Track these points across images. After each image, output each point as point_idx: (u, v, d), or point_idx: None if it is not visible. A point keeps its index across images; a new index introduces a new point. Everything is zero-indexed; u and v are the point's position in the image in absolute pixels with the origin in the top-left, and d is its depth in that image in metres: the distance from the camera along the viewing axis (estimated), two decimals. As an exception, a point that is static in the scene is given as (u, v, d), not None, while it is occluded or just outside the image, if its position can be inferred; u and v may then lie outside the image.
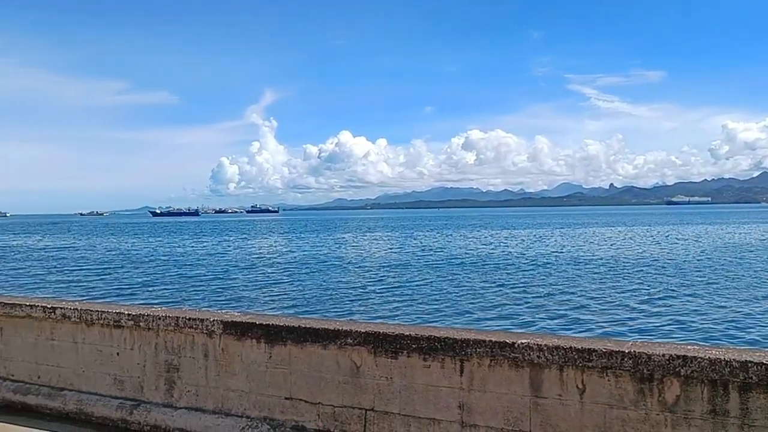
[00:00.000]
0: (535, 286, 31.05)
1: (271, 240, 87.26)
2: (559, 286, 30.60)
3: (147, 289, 32.25)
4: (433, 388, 4.95)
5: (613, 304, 25.29)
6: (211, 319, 5.97)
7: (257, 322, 5.79)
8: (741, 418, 4.01)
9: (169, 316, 6.20)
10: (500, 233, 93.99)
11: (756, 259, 44.07)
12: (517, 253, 53.07)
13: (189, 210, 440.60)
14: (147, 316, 6.32)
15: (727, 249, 54.60)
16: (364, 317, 22.88)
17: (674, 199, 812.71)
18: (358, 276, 37.33)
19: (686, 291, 28.53)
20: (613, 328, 20.43)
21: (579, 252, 53.69)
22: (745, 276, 34.13)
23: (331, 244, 72.72)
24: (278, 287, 32.76)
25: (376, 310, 24.72)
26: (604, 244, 63.90)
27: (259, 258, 53.31)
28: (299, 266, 44.50)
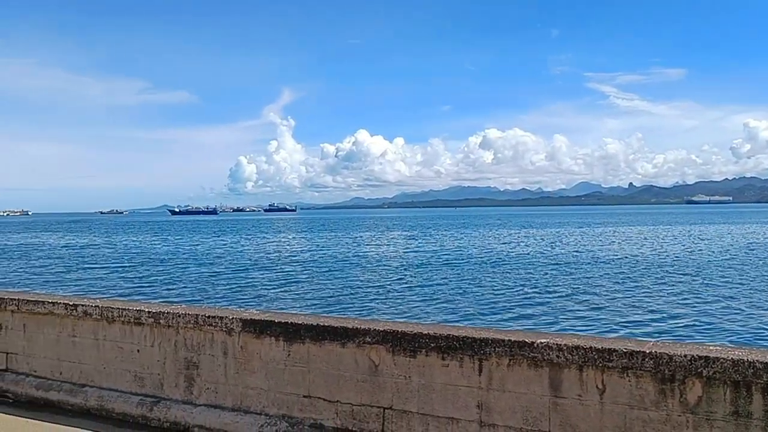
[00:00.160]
0: (555, 285, 30.86)
1: (289, 239, 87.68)
2: (578, 286, 30.40)
3: (167, 287, 32.55)
4: (452, 387, 4.94)
5: (634, 304, 25.06)
6: (230, 317, 6.00)
7: (276, 320, 5.80)
8: (764, 420, 3.95)
9: (188, 314, 6.24)
10: (518, 232, 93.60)
11: (779, 260, 43.41)
12: (536, 253, 52.79)
13: (207, 209, 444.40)
14: (167, 313, 6.37)
15: (749, 249, 53.86)
16: (383, 316, 22.90)
17: (695, 199, 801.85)
18: (377, 275, 37.36)
19: (708, 292, 28.18)
20: (635, 328, 20.26)
21: (598, 252, 53.27)
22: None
23: (349, 243, 72.88)
24: (297, 286, 32.89)
25: (395, 309, 24.72)
26: (624, 244, 63.35)
27: (278, 256, 53.57)
28: (317, 265, 44.65)
